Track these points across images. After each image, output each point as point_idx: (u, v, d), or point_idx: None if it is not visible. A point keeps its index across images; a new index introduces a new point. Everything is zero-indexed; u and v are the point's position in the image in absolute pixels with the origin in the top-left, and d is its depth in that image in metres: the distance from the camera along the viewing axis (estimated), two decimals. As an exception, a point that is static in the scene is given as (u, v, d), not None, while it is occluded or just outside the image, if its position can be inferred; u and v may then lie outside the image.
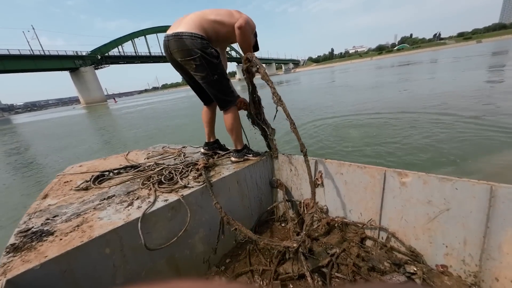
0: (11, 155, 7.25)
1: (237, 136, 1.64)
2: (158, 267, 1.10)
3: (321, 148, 3.89)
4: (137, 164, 1.70)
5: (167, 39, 1.43)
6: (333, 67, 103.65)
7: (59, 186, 1.48)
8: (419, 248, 1.18)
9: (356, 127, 4.77)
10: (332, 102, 8.29)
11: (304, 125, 5.43)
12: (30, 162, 6.22)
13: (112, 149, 6.50)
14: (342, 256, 1.24)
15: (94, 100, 55.80)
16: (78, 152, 6.55)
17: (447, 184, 1.05)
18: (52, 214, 1.11)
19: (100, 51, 56.67)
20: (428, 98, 6.33)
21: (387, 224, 1.28)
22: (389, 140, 3.72)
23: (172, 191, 1.25)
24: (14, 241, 0.92)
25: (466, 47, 75.41)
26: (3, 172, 5.49)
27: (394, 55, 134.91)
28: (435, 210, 1.11)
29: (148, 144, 2.75)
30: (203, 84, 1.53)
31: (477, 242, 1.01)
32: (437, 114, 4.68)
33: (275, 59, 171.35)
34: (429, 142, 3.39)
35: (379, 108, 6.05)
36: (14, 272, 0.75)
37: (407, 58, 58.07)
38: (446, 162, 2.81)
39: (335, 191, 1.47)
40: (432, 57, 40.11)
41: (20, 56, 45.21)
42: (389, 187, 1.23)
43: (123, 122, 12.72)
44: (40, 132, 13.04)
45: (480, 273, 1.02)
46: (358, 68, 42.69)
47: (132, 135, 8.18)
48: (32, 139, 10.71)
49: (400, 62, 35.85)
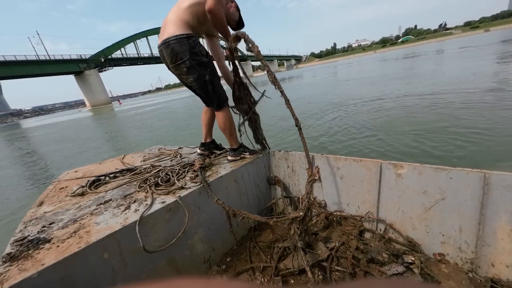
0: (26, 163, 7.24)
1: (231, 135, 1.64)
2: (158, 269, 1.10)
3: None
4: (133, 167, 1.69)
5: (160, 49, 1.44)
6: (336, 61, 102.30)
7: (54, 192, 1.46)
8: (416, 238, 1.20)
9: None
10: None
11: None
12: (46, 166, 6.34)
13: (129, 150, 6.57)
14: (342, 249, 1.25)
15: (99, 102, 56.77)
16: (89, 156, 6.64)
17: (441, 173, 1.07)
18: (48, 221, 1.10)
19: (104, 54, 57.35)
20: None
21: (384, 216, 1.30)
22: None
23: (169, 193, 1.24)
24: (10, 250, 0.90)
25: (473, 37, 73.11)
26: (24, 178, 5.48)
27: (398, 47, 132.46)
28: (430, 200, 1.12)
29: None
30: (196, 87, 1.53)
31: (473, 230, 1.03)
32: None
33: (277, 56, 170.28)
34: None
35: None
36: (11, 281, 0.74)
37: (412, 50, 56.64)
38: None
39: (333, 185, 1.48)
40: (438, 47, 39.08)
41: (26, 61, 46.30)
42: (385, 179, 1.24)
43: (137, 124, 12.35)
44: (50, 137, 13.13)
45: (476, 259, 1.04)
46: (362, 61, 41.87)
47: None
48: (44, 144, 10.77)
49: (405, 55, 34.84)
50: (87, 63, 54.09)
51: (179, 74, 1.52)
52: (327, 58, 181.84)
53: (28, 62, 46.66)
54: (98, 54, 56.49)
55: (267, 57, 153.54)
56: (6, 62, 43.70)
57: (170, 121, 10.70)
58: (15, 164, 7.24)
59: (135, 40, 65.50)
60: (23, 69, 46.59)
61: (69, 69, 52.44)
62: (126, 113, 21.67)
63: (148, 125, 10.66)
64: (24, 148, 10.62)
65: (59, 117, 49.96)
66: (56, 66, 50.71)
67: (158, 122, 11.00)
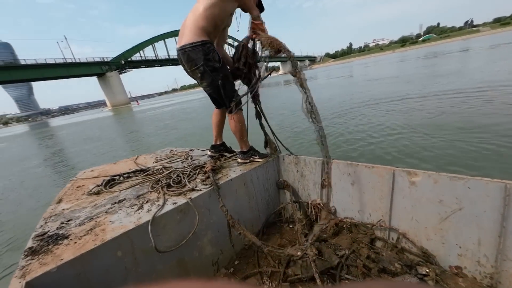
0: (58, 161, 7.45)
1: (242, 138, 1.66)
2: (168, 269, 1.11)
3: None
4: (146, 168, 1.73)
5: (178, 53, 1.52)
6: (351, 62, 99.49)
7: (72, 191, 1.52)
8: (431, 249, 1.15)
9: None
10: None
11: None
12: (77, 162, 6.71)
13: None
14: (352, 257, 1.21)
15: (119, 102, 59.65)
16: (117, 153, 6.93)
17: (458, 183, 1.02)
18: (67, 218, 1.14)
19: (124, 56, 60.16)
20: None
21: (397, 225, 1.26)
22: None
23: (181, 194, 1.27)
24: (31, 245, 0.94)
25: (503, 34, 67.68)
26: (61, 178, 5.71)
27: (419, 46, 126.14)
28: (446, 209, 1.08)
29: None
30: (210, 91, 1.60)
31: (493, 242, 0.98)
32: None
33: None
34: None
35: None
36: (33, 274, 0.78)
37: (434, 49, 53.47)
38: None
39: (343, 191, 1.46)
40: (463, 46, 36.65)
41: (55, 64, 50.03)
42: (398, 186, 1.21)
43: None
44: (77, 136, 13.71)
45: (496, 274, 0.98)
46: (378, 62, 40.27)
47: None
48: (74, 143, 11.03)
49: (427, 54, 32.85)
50: (109, 65, 57.08)
51: (195, 78, 1.60)
52: (342, 59, 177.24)
53: (57, 65, 50.35)
54: (119, 57, 59.37)
55: (280, 59, 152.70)
56: (38, 65, 47.38)
57: (190, 122, 10.81)
58: (46, 160, 7.77)
59: (153, 43, 68.07)
60: (52, 71, 50.24)
61: (92, 71, 55.73)
62: (146, 113, 22.10)
63: (171, 125, 10.82)
64: (51, 145, 11.36)
65: (83, 116, 53.15)
66: (81, 68, 54.09)
67: (180, 123, 11.14)
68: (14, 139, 21.03)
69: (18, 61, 56.71)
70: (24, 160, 8.43)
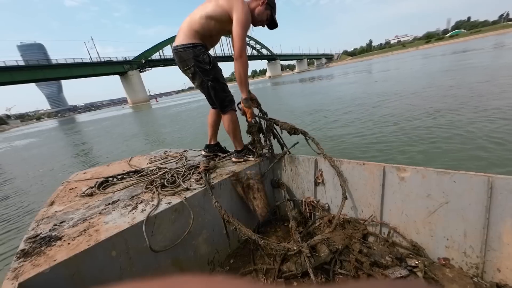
0: (91, 158, 7.30)
1: (235, 137, 1.69)
2: (163, 268, 1.12)
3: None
4: (140, 169, 1.72)
5: (172, 53, 1.60)
6: (370, 59, 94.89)
7: (64, 193, 1.48)
8: (420, 242, 1.19)
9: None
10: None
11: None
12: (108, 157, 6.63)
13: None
14: (345, 252, 1.24)
15: (139, 100, 62.29)
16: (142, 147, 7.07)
17: (445, 177, 1.06)
18: (59, 220, 1.12)
19: (144, 56, 62.65)
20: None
21: (388, 220, 1.30)
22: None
23: (175, 194, 1.26)
24: (24, 247, 0.92)
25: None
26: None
27: (445, 42, 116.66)
28: (434, 203, 1.12)
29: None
30: (201, 91, 1.64)
31: (478, 234, 1.01)
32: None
33: (307, 55, 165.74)
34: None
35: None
36: (26, 276, 0.76)
37: (461, 46, 49.01)
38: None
39: (336, 188, 1.48)
40: (497, 41, 33.31)
41: (83, 63, 53.61)
42: (389, 182, 1.25)
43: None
44: (102, 131, 13.83)
45: (481, 264, 1.02)
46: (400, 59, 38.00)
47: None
48: (103, 139, 10.93)
49: (454, 50, 30.15)
50: (130, 65, 59.72)
51: (189, 78, 1.64)
52: (360, 56, 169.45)
53: (84, 64, 53.91)
54: (140, 56, 61.89)
55: (297, 56, 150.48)
56: (68, 65, 51.15)
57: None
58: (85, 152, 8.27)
59: (171, 43, 70.05)
60: (80, 70, 53.90)
61: (115, 70, 58.85)
62: (167, 111, 21.51)
63: (188, 122, 10.88)
64: (79, 140, 11.93)
65: (106, 112, 55.84)
66: (106, 67, 57.40)
67: (199, 119, 11.15)
68: (49, 132, 21.97)
69: (50, 61, 61.60)
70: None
